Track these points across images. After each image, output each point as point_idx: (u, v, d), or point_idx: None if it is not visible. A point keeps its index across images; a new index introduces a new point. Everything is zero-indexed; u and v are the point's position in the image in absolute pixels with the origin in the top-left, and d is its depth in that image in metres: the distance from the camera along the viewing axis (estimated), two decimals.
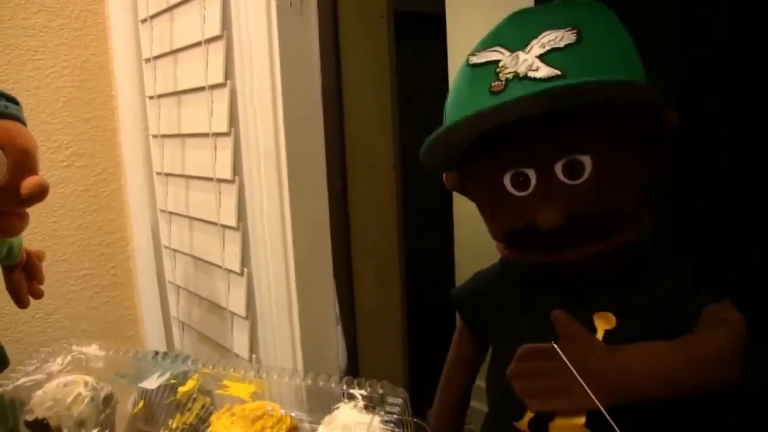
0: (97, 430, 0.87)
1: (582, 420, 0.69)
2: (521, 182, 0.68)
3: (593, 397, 0.63)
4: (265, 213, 1.13)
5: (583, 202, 0.66)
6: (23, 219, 1.01)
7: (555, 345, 0.65)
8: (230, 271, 1.25)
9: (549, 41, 0.65)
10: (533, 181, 0.68)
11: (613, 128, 0.67)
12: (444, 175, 0.81)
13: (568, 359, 0.64)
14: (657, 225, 0.72)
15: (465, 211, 1.89)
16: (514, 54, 0.66)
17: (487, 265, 0.87)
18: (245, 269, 1.21)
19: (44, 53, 1.55)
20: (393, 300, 1.26)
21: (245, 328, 1.24)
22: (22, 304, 1.18)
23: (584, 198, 0.66)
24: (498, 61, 0.67)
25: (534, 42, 0.65)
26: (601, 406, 0.62)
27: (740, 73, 1.32)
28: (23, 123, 1.02)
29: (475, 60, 0.70)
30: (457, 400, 0.92)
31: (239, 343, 1.27)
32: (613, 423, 0.61)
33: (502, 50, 0.67)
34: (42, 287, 1.22)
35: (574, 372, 0.64)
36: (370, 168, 1.20)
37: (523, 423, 0.73)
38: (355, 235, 1.19)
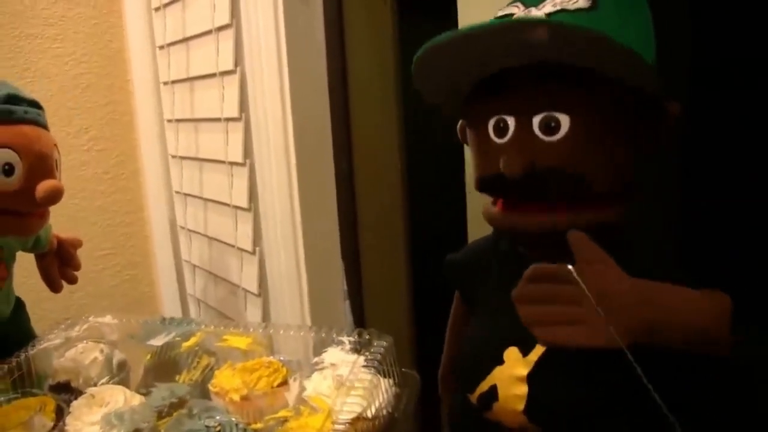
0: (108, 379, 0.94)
1: (521, 406, 0.70)
2: (501, 129, 0.68)
3: (613, 331, 0.54)
4: (275, 194, 1.18)
5: (551, 159, 0.65)
6: (43, 218, 1.03)
7: (571, 267, 0.57)
8: (243, 250, 1.30)
9: (562, 2, 0.67)
10: (511, 130, 0.68)
11: (601, 98, 0.65)
12: (458, 127, 0.82)
13: (584, 284, 0.56)
14: (662, 222, 0.70)
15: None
16: (528, 9, 0.69)
17: None
18: (257, 248, 1.26)
19: (63, 41, 1.61)
20: (399, 276, 1.31)
21: (258, 304, 1.29)
22: (54, 288, 1.23)
23: (553, 155, 0.65)
24: (512, 15, 0.70)
25: (548, 1, 0.68)
26: (622, 343, 0.54)
27: (749, 72, 1.31)
28: (44, 126, 1.03)
29: (499, 13, 0.74)
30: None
31: (252, 318, 1.32)
32: (634, 362, 0.53)
33: (519, 5, 0.71)
34: (76, 273, 1.26)
35: (592, 300, 0.55)
36: (375, 149, 1.24)
37: (474, 396, 0.75)
38: (362, 215, 1.23)
